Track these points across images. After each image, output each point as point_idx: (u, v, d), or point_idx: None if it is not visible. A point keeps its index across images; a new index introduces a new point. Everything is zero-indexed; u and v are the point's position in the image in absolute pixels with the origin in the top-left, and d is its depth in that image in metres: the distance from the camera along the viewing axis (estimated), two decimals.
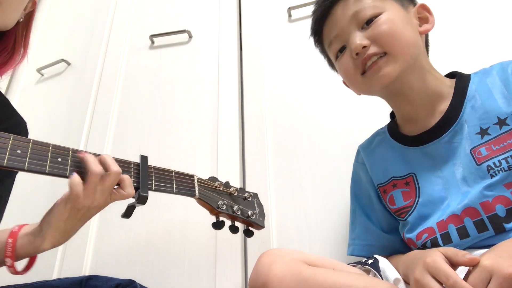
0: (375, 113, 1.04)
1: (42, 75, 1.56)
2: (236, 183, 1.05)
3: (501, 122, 0.61)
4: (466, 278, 0.45)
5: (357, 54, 0.66)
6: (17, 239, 0.59)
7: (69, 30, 1.65)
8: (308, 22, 1.26)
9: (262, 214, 0.85)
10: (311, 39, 0.80)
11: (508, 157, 0.58)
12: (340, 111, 1.08)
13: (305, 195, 1.01)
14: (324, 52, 0.79)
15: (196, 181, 0.74)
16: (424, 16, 0.71)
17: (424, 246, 0.65)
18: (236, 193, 0.80)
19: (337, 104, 1.10)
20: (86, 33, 1.57)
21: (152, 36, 1.40)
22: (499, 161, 0.59)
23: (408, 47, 0.65)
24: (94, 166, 0.57)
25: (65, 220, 0.58)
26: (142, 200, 0.63)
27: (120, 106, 1.33)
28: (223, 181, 0.81)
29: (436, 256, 0.47)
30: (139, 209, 1.09)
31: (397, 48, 0.65)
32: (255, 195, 0.87)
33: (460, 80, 0.69)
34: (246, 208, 0.81)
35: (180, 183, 0.71)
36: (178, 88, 1.30)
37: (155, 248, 1.04)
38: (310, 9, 1.25)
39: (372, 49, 0.65)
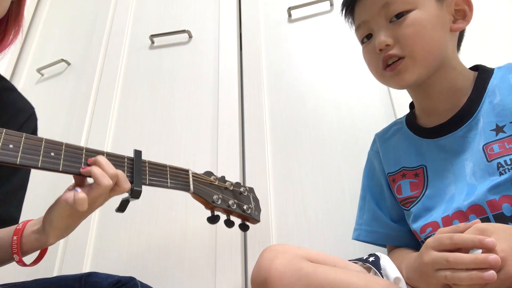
0: (375, 113, 1.04)
1: (42, 75, 1.56)
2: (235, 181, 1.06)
3: None
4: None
5: (380, 49, 0.67)
6: (22, 236, 0.60)
7: (69, 30, 1.65)
8: (308, 22, 1.28)
9: (258, 209, 0.86)
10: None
11: None
12: (340, 110, 1.09)
13: (305, 193, 1.01)
14: (353, 25, 0.77)
15: (191, 175, 0.74)
16: (462, 9, 0.67)
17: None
18: (231, 188, 0.81)
19: (337, 103, 1.10)
20: (86, 33, 1.57)
21: (152, 36, 1.40)
22: (510, 159, 0.57)
23: (431, 53, 0.64)
24: (105, 180, 0.57)
25: (66, 218, 0.59)
26: (135, 194, 0.63)
27: (120, 106, 1.33)
28: (219, 175, 0.82)
29: (429, 254, 0.48)
30: (139, 209, 1.10)
31: (418, 53, 0.64)
32: (251, 190, 0.87)
33: (482, 75, 0.67)
34: (242, 203, 0.81)
35: (174, 177, 0.70)
36: (178, 88, 1.30)
37: (155, 248, 1.04)
38: (310, 9, 1.27)
39: (395, 50, 0.65)
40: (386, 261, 0.64)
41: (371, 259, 0.65)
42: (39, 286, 0.66)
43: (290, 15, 1.28)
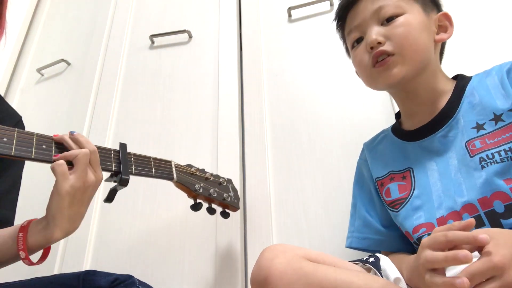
0: (375, 113, 1.04)
1: (42, 75, 1.57)
2: (236, 182, 1.05)
3: (497, 118, 0.63)
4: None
5: (371, 48, 0.70)
6: (27, 233, 0.60)
7: (69, 30, 1.66)
8: (308, 22, 1.28)
9: (237, 197, 0.92)
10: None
11: (501, 150, 0.60)
12: (340, 110, 1.09)
13: (305, 193, 1.01)
14: (343, 38, 0.82)
15: (173, 166, 0.79)
16: (444, 25, 0.73)
17: (419, 240, 0.65)
18: (211, 178, 0.87)
19: (337, 103, 1.10)
20: (86, 33, 1.57)
21: (152, 36, 1.40)
22: (492, 153, 0.60)
23: (418, 53, 0.68)
24: (89, 144, 0.63)
25: (66, 208, 0.59)
26: (123, 182, 0.67)
27: (120, 106, 1.33)
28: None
29: (424, 253, 0.47)
30: (139, 207, 1.11)
31: (408, 52, 0.68)
32: (229, 180, 0.94)
33: (461, 80, 0.72)
34: (222, 191, 0.87)
35: (158, 167, 0.75)
36: (178, 88, 1.30)
37: (155, 247, 1.05)
38: (310, 9, 1.27)
39: (386, 46, 0.68)
40: (386, 262, 0.64)
41: (371, 259, 0.65)
42: (38, 284, 0.67)
43: (290, 15, 1.29)
